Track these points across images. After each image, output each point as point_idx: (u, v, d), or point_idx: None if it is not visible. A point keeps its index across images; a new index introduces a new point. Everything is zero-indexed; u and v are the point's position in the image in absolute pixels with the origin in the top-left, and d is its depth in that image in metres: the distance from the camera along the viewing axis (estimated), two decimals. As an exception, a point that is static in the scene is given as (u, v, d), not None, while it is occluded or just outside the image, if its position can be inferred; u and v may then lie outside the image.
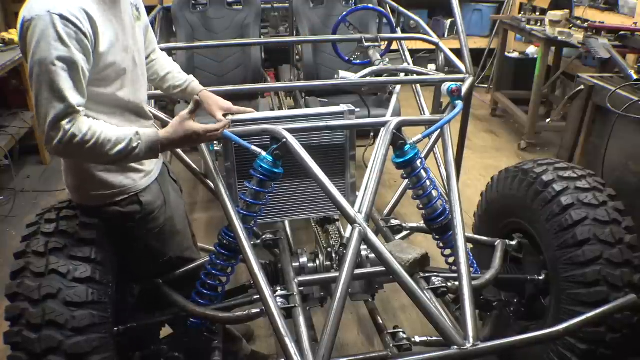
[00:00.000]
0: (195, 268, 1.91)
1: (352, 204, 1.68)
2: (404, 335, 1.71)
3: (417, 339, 1.72)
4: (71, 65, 1.31)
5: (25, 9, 1.32)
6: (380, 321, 1.95)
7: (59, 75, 1.29)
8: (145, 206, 1.66)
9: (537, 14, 4.92)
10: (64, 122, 1.32)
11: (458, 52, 2.38)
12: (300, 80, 3.90)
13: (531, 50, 5.63)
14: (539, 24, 4.63)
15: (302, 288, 1.78)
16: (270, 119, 1.88)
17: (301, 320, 1.51)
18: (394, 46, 3.39)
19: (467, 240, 1.85)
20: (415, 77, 2.68)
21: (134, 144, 1.43)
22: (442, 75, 2.43)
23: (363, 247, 1.85)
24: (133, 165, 1.62)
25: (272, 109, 3.84)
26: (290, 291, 1.66)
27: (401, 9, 3.42)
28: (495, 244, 2.04)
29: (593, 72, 3.51)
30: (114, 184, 1.60)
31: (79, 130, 1.33)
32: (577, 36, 3.95)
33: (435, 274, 1.70)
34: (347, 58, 3.16)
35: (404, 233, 2.22)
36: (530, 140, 4.61)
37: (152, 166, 1.71)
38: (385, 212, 2.41)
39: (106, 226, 1.67)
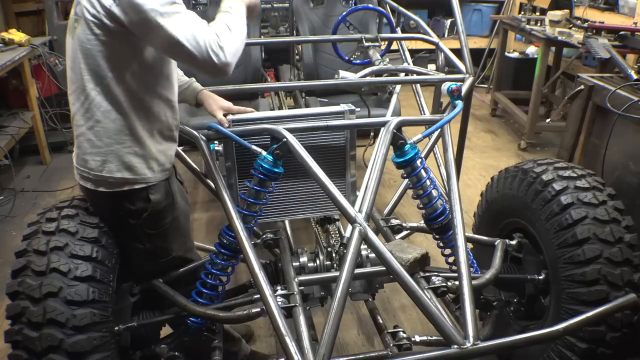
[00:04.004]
0: (196, 268, 1.91)
1: (352, 204, 1.68)
2: (404, 335, 1.71)
3: (417, 338, 1.72)
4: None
5: None
6: (380, 321, 1.95)
7: (186, 10, 1.47)
8: (153, 204, 1.68)
9: (537, 14, 4.91)
10: (213, 36, 1.46)
11: (458, 52, 2.37)
12: (300, 80, 3.89)
13: (531, 50, 5.63)
14: (539, 24, 4.63)
15: (302, 287, 1.78)
16: (271, 119, 1.88)
17: (301, 319, 1.51)
18: (394, 46, 3.38)
19: (467, 240, 1.85)
20: (415, 77, 2.67)
21: (236, 9, 1.60)
22: (442, 75, 2.42)
23: (363, 246, 1.85)
24: (158, 157, 1.66)
25: (272, 109, 3.84)
26: (290, 290, 1.66)
27: (401, 9, 3.42)
28: (495, 243, 2.04)
29: (593, 72, 3.52)
30: (137, 169, 1.63)
31: (215, 35, 1.47)
32: (577, 36, 3.94)
33: (435, 273, 1.70)
34: (347, 58, 3.16)
35: (404, 233, 2.22)
36: (530, 140, 4.62)
37: (168, 165, 1.74)
38: (385, 211, 2.41)
39: (112, 222, 1.68)
